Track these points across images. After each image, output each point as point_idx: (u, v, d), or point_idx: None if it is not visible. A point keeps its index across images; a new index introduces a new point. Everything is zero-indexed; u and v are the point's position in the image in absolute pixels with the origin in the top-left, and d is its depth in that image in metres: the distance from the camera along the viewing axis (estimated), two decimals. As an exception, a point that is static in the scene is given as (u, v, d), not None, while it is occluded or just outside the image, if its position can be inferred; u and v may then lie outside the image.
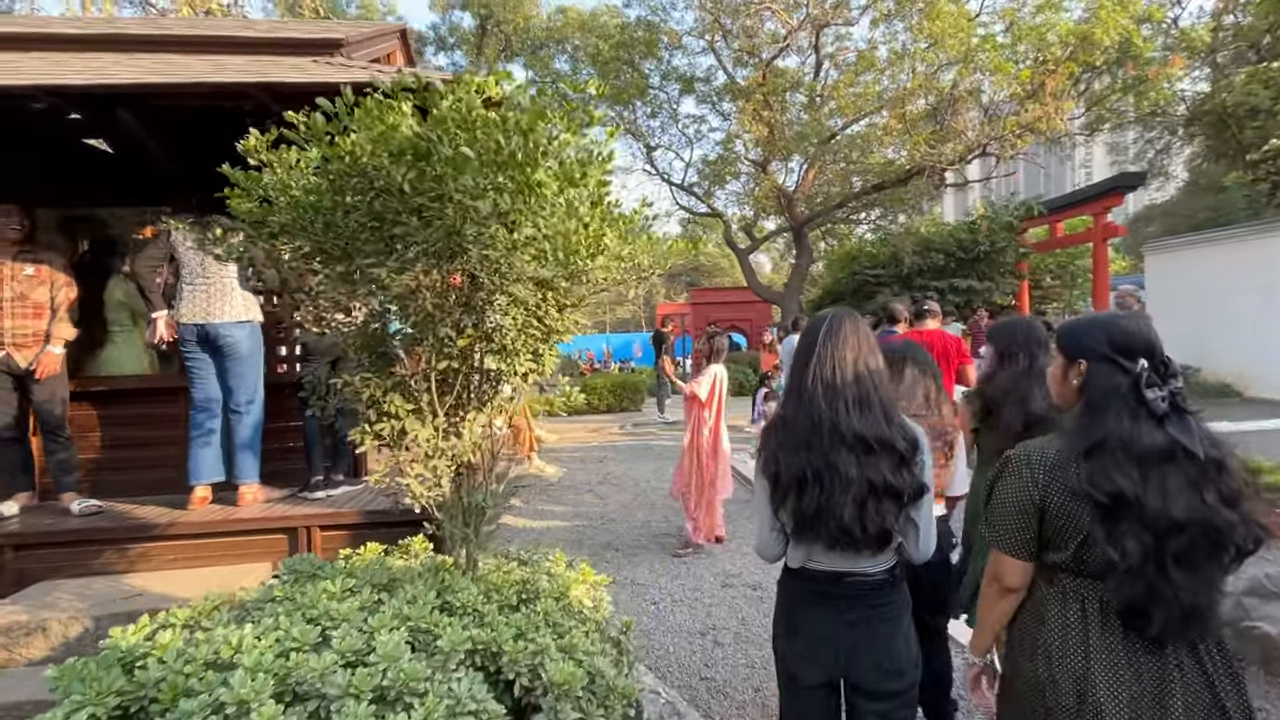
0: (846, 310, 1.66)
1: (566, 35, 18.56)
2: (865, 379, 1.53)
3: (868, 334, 1.60)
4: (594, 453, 9.45)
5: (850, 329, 1.58)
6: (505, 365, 1.97)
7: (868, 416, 1.49)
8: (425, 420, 1.98)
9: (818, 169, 15.89)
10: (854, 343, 1.56)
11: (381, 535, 3.42)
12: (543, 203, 1.75)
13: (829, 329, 1.58)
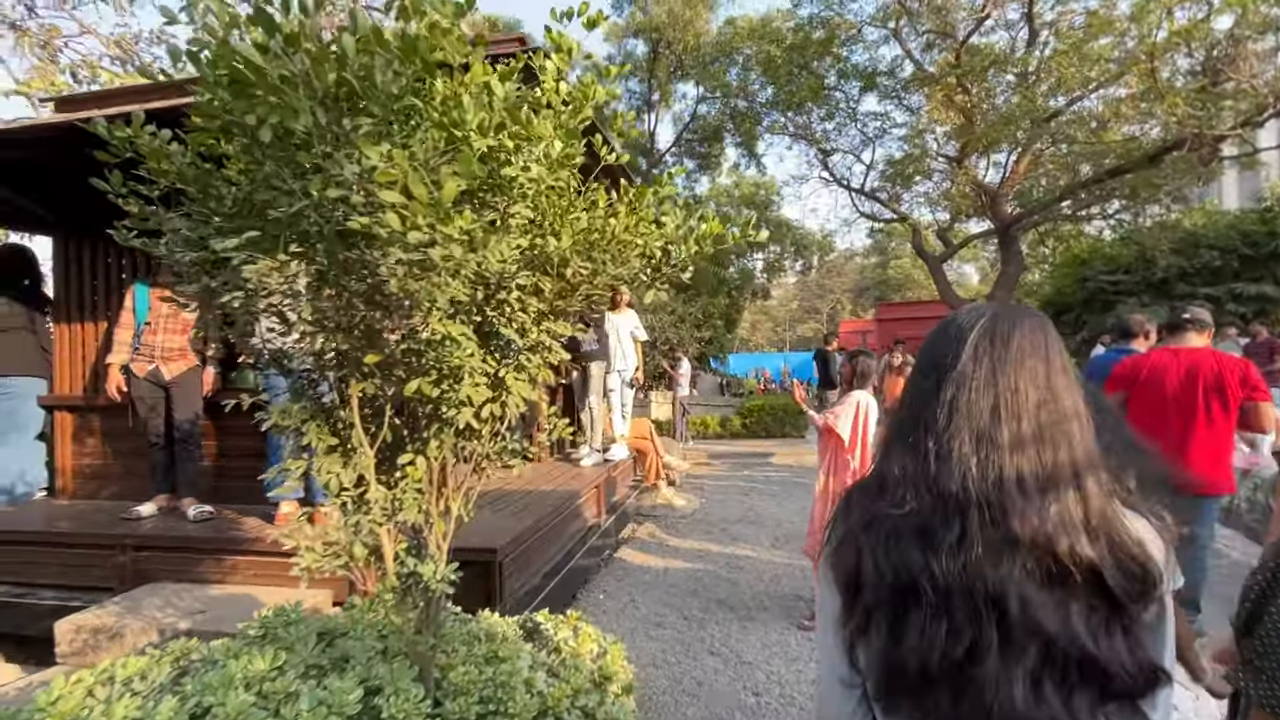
0: (1020, 307, 0.89)
1: (736, 46, 18.08)
2: (1056, 431, 0.79)
3: (1058, 348, 0.84)
4: (742, 483, 8.59)
5: (1029, 337, 0.83)
6: (445, 394, 1.41)
7: (1058, 503, 0.75)
8: (349, 460, 1.49)
9: (1031, 158, 13.30)
10: (1036, 364, 0.81)
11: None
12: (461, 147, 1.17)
13: (987, 334, 0.83)
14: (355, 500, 1.48)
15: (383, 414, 1.50)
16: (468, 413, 1.44)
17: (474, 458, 1.63)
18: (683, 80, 20.46)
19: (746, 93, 17.94)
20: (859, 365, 3.96)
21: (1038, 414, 0.78)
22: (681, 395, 11.23)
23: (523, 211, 1.37)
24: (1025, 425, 0.78)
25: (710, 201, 23.33)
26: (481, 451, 1.62)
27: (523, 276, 1.37)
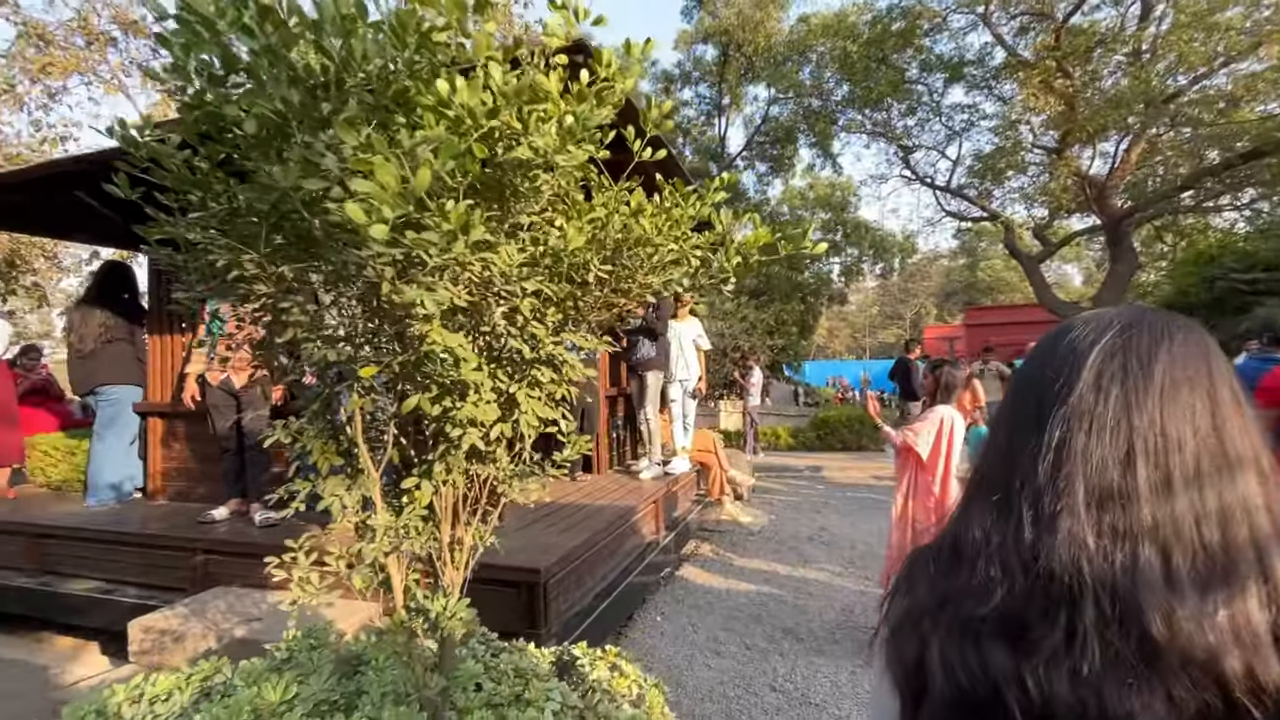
0: (1165, 313, 0.61)
1: (810, 44, 17.53)
2: (1226, 491, 0.52)
3: (1224, 370, 0.57)
4: (815, 498, 8.14)
5: (1181, 356, 0.56)
6: (449, 412, 1.27)
7: (1227, 601, 0.49)
8: (355, 482, 1.38)
9: (1145, 145, 12.01)
10: (1193, 394, 0.55)
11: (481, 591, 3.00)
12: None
13: (1118, 351, 0.57)
14: (360, 526, 1.36)
15: (391, 433, 1.37)
16: (474, 433, 1.29)
17: (489, 482, 1.48)
18: (753, 82, 20.07)
19: (821, 91, 17.34)
20: (943, 377, 3.56)
21: (1196, 466, 0.52)
22: (752, 405, 10.85)
23: (529, 206, 1.21)
24: (1176, 483, 0.52)
25: (783, 204, 22.71)
26: (498, 476, 1.46)
27: (533, 281, 1.20)
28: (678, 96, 21.46)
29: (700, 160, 21.75)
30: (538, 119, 1.12)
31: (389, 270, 1.04)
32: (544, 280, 1.28)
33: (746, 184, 21.82)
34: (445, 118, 1.03)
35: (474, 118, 1.00)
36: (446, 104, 0.99)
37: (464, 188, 1.13)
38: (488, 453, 1.39)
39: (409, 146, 0.92)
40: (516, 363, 1.34)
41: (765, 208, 21.56)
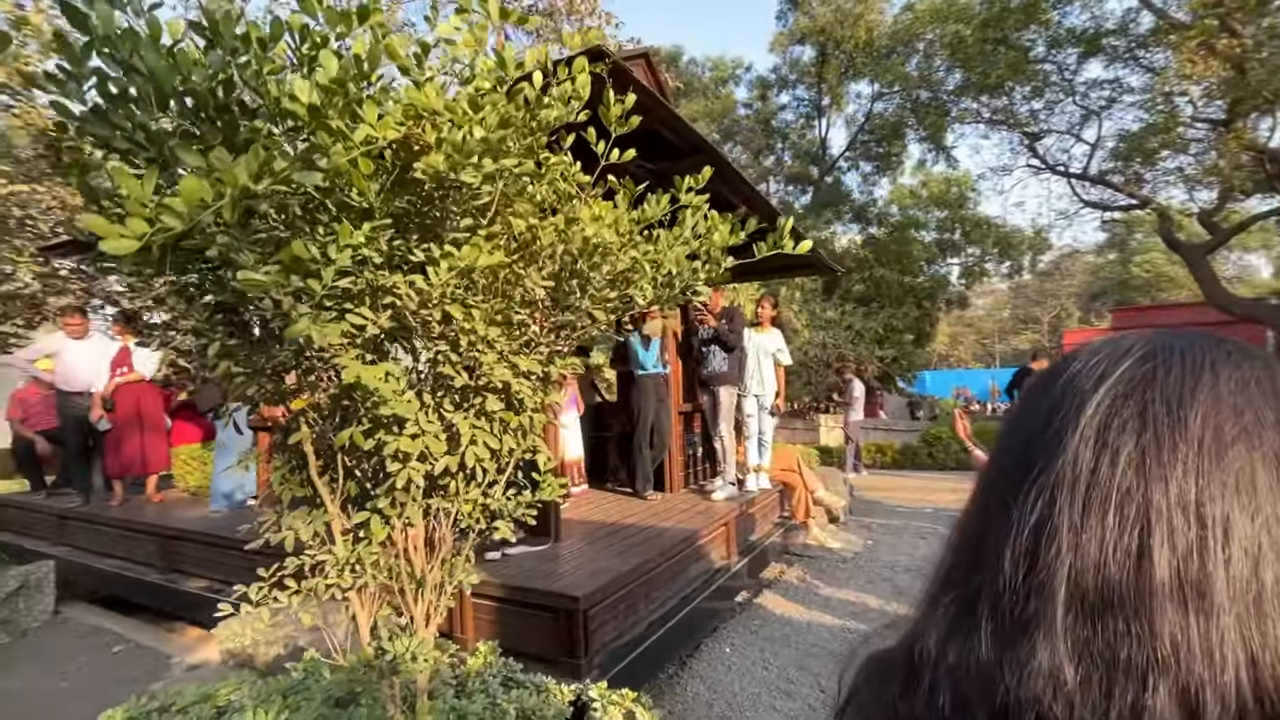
0: (1216, 340, 0.38)
1: (916, 33, 16.42)
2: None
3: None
4: (919, 523, 7.42)
5: (1239, 403, 0.34)
6: (383, 446, 1.19)
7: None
8: (312, 515, 1.34)
9: (1345, 105, 9.95)
10: (1249, 457, 0.33)
11: (521, 616, 2.95)
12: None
13: (1134, 394, 0.36)
14: (312, 563, 1.32)
15: (341, 466, 1.32)
16: (417, 468, 1.20)
17: (455, 518, 1.39)
18: (855, 80, 19.13)
19: (929, 82, 16.15)
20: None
21: (1254, 568, 0.33)
22: (854, 419, 10.16)
23: (457, 224, 1.11)
24: (1219, 591, 0.33)
25: (892, 205, 21.35)
26: (463, 512, 1.37)
27: (456, 307, 1.10)
28: (774, 102, 20.95)
29: (800, 164, 21.06)
30: (438, 131, 1.02)
31: (286, 301, 0.97)
32: (482, 301, 1.18)
33: (850, 185, 20.78)
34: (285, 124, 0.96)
35: (318, 117, 0.92)
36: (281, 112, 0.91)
37: (381, 208, 1.05)
38: (441, 487, 1.30)
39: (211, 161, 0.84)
40: (463, 391, 1.24)
41: (871, 210, 20.38)
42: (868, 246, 19.93)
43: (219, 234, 0.90)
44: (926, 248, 20.80)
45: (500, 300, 1.20)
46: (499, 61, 1.17)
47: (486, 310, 1.16)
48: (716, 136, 21.41)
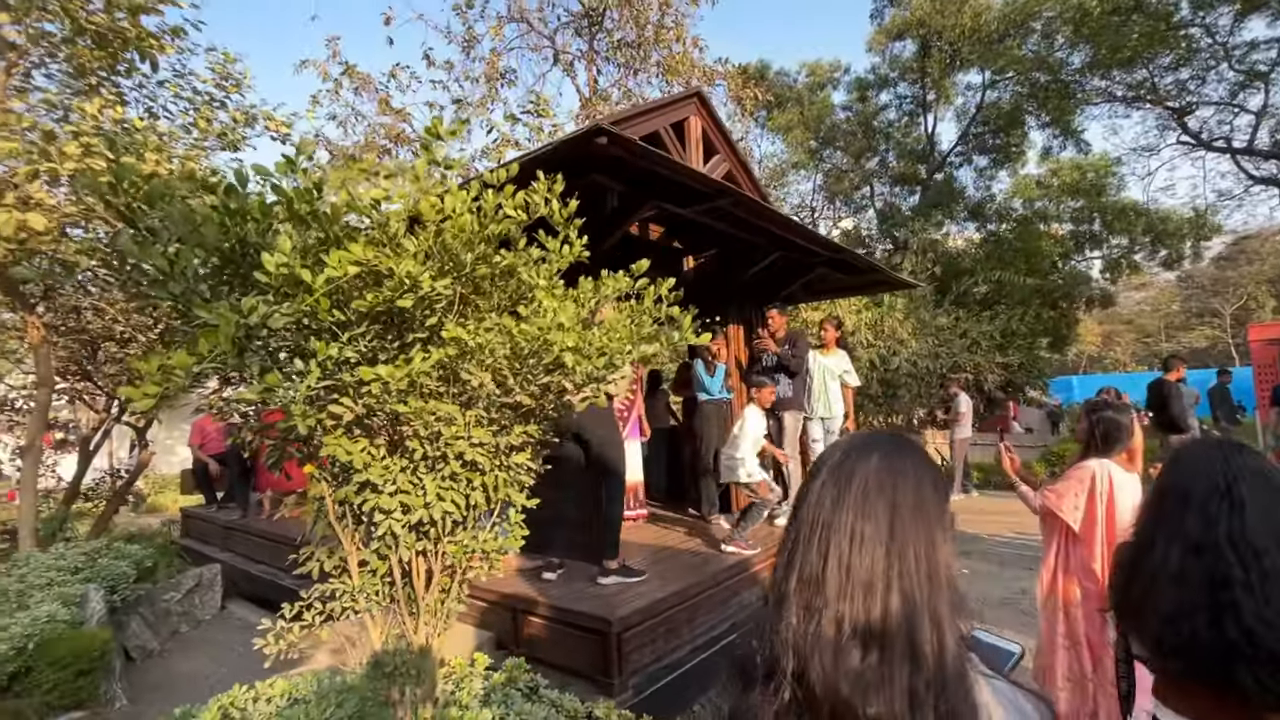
0: (883, 436, 0.80)
1: (1032, 11, 15.15)
2: (891, 582, 0.72)
3: (912, 486, 0.75)
4: (1029, 552, 6.82)
5: (877, 472, 0.76)
6: (368, 501, 1.52)
7: (875, 661, 0.68)
8: (336, 549, 1.70)
9: None
10: (878, 502, 0.75)
11: (566, 634, 3.22)
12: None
13: (835, 467, 0.78)
14: (324, 591, 1.67)
15: (355, 513, 1.66)
16: (399, 519, 1.52)
17: (442, 557, 1.69)
18: (961, 70, 17.93)
19: (1049, 64, 14.80)
20: (1101, 423, 2.87)
21: (871, 558, 0.70)
22: (960, 437, 9.50)
23: (418, 331, 1.41)
24: (856, 571, 0.70)
25: (1015, 199, 19.64)
26: (449, 552, 1.67)
27: (413, 399, 1.40)
28: (874, 102, 20.12)
29: (906, 164, 20.00)
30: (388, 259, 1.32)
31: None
32: (439, 387, 1.47)
33: (964, 181, 19.40)
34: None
35: (285, 279, 1.24)
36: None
37: (361, 318, 1.38)
38: (423, 534, 1.61)
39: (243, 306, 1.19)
40: (431, 459, 1.54)
41: (989, 206, 18.88)
42: (987, 245, 18.46)
43: (227, 359, 1.26)
44: (1060, 241, 18.86)
45: (456, 386, 1.49)
46: (448, 198, 1.46)
47: (445, 396, 1.45)
48: (814, 144, 20.93)
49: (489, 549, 1.68)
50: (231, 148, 7.60)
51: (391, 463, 1.48)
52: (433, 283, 1.37)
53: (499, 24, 13.31)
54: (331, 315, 1.30)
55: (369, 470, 1.44)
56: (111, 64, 5.81)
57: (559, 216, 1.64)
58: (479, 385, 1.51)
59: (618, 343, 1.54)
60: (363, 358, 1.44)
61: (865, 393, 14.10)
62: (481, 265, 1.56)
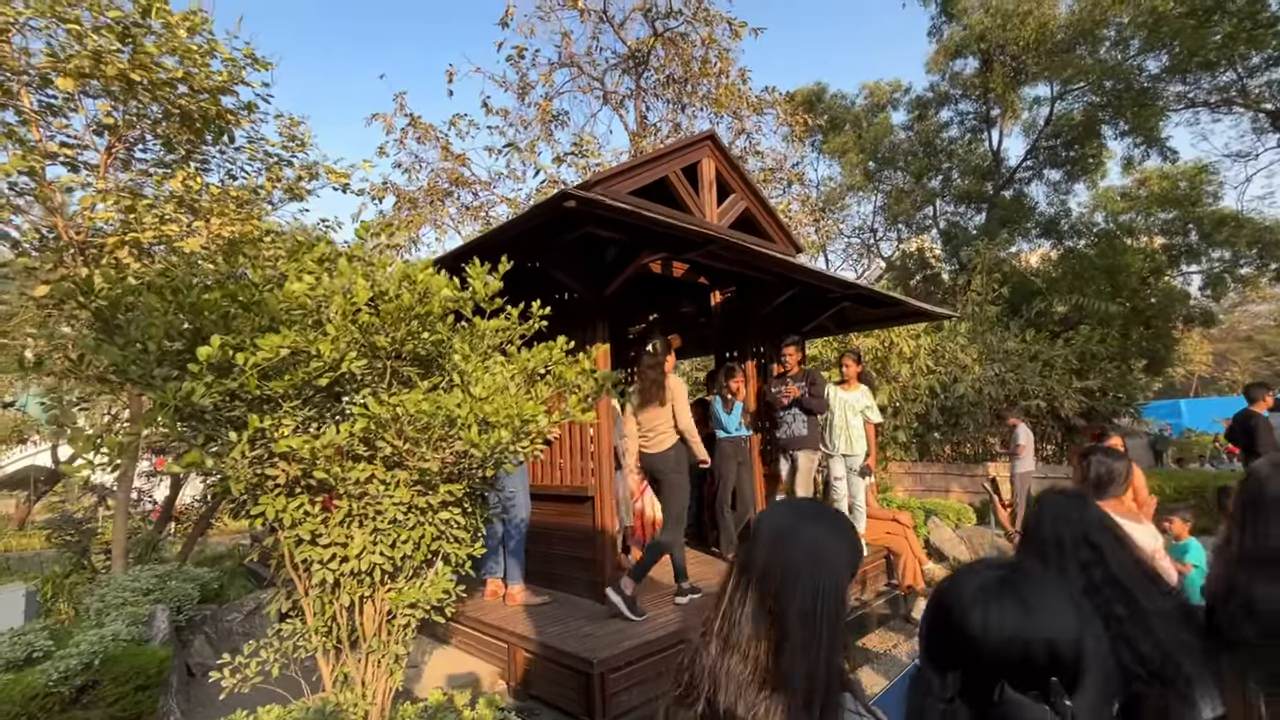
0: (804, 511, 1.05)
1: (1102, 19, 14.40)
2: (792, 624, 0.93)
3: (811, 551, 0.95)
4: (1092, 600, 6.30)
5: (791, 545, 0.97)
6: (300, 552, 1.70)
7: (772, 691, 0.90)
8: (290, 591, 1.90)
9: None
10: (790, 557, 0.98)
11: (556, 672, 3.31)
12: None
13: (772, 531, 1.00)
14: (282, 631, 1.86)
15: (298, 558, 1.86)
16: (334, 569, 1.69)
17: (377, 605, 1.85)
18: (1027, 83, 17.18)
19: (1120, 72, 13.97)
20: (1092, 467, 2.72)
21: (781, 620, 0.90)
22: (1022, 471, 8.90)
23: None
24: (762, 628, 0.90)
25: (1096, 212, 18.45)
26: (387, 599, 1.83)
27: (320, 467, 1.58)
28: (935, 120, 19.56)
29: (970, 182, 19.26)
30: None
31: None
32: (370, 453, 1.64)
33: (1035, 197, 18.43)
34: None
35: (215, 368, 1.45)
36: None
37: (298, 392, 1.58)
38: (361, 580, 1.77)
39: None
40: (359, 515, 1.71)
41: (1063, 221, 17.82)
42: (1065, 263, 17.36)
43: (170, 430, 1.48)
44: (1150, 256, 17.49)
45: (384, 450, 1.66)
46: (361, 284, 1.65)
47: (376, 460, 1.62)
48: (872, 165, 20.53)
49: (417, 598, 1.83)
50: (298, 199, 8.38)
51: (326, 518, 1.66)
52: (351, 362, 1.55)
53: (549, 70, 14.01)
54: (259, 391, 1.51)
55: (299, 527, 1.63)
56: (197, 139, 6.62)
57: (482, 294, 1.80)
58: (406, 450, 1.68)
59: (525, 410, 1.66)
60: (303, 426, 1.64)
61: (926, 421, 13.50)
62: (410, 342, 1.74)
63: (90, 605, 4.82)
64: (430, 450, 1.64)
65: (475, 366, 1.77)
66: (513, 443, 1.68)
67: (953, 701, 0.74)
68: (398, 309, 1.67)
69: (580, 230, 3.70)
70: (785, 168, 15.77)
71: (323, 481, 1.68)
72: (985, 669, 0.71)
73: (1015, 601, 0.74)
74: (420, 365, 1.79)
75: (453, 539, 1.86)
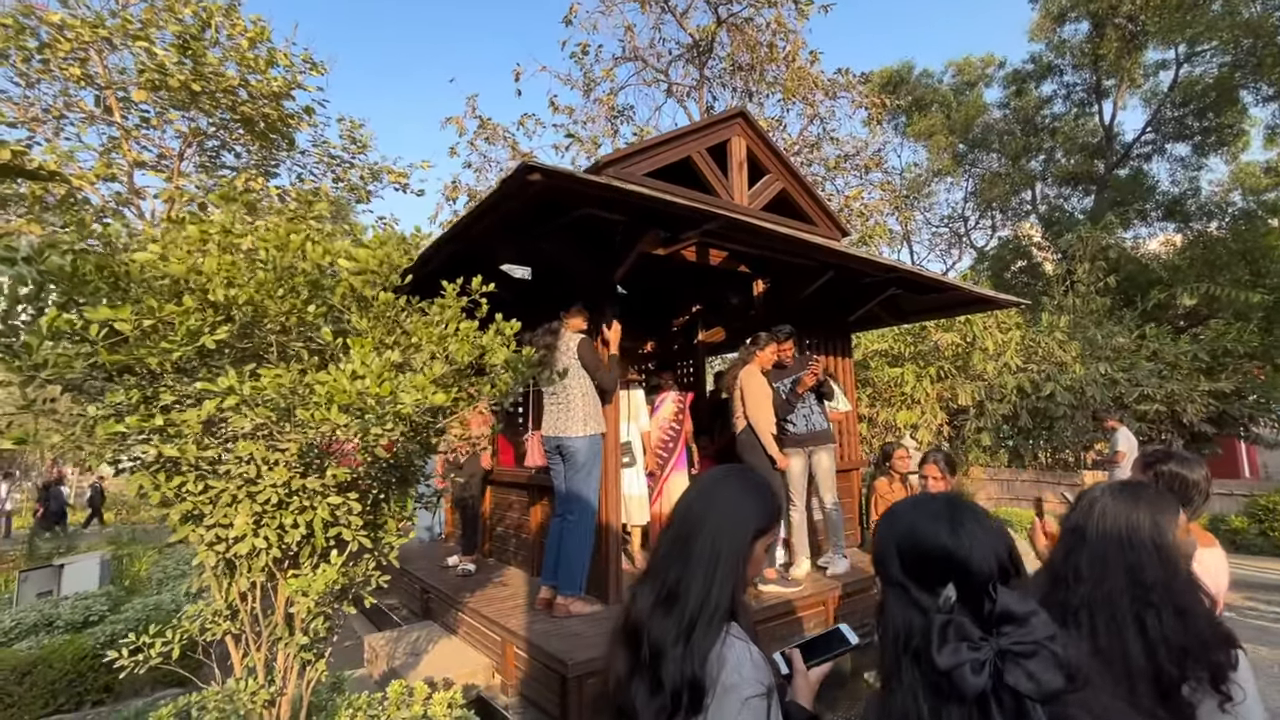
0: (728, 468, 1.26)
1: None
2: (697, 561, 1.13)
3: (727, 498, 1.17)
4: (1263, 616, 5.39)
5: (712, 489, 1.21)
6: (179, 532, 1.65)
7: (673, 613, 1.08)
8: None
9: None
10: (707, 508, 1.19)
11: (539, 671, 3.17)
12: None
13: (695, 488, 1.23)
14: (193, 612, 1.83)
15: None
16: (218, 551, 1.63)
17: (279, 590, 1.78)
18: (1146, 47, 15.26)
19: (1263, 27, 12.07)
20: (1163, 479, 2.24)
21: (683, 549, 1.12)
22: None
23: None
24: (671, 558, 1.12)
25: (1233, 191, 16.13)
26: (290, 586, 1.76)
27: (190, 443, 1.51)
28: (1036, 94, 17.83)
29: (1079, 161, 17.40)
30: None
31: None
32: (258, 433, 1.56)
33: (1157, 176, 16.37)
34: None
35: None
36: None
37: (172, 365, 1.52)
38: (251, 563, 1.70)
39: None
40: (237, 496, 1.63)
41: (1190, 201, 15.70)
42: (1193, 248, 15.27)
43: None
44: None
45: (279, 427, 1.57)
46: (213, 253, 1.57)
47: (255, 439, 1.54)
48: (962, 148, 19.03)
49: (303, 587, 1.73)
50: (364, 199, 8.76)
51: (216, 497, 1.60)
52: (210, 339, 1.47)
53: (613, 65, 13.96)
54: (112, 361, 1.46)
55: (174, 507, 1.57)
56: (263, 142, 7.06)
57: (371, 264, 1.68)
58: (277, 430, 1.58)
59: (382, 391, 1.51)
60: (179, 403, 1.59)
61: (1014, 424, 12.28)
62: (291, 317, 1.64)
63: (153, 575, 5.23)
64: (295, 431, 1.54)
65: (362, 345, 1.65)
66: (377, 424, 1.54)
67: (952, 612, 0.79)
68: (259, 282, 1.58)
69: (579, 211, 3.54)
70: (864, 154, 14.88)
71: (186, 460, 1.61)
72: (973, 579, 0.81)
73: (974, 519, 0.88)
74: (306, 341, 1.70)
75: (353, 526, 1.75)
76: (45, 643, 4.02)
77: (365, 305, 1.76)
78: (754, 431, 4.24)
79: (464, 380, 1.86)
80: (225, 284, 1.48)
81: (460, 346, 1.65)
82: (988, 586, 0.79)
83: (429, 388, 1.61)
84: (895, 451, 5.21)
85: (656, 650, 1.01)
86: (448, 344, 1.66)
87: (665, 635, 1.01)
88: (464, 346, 1.66)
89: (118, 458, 1.56)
